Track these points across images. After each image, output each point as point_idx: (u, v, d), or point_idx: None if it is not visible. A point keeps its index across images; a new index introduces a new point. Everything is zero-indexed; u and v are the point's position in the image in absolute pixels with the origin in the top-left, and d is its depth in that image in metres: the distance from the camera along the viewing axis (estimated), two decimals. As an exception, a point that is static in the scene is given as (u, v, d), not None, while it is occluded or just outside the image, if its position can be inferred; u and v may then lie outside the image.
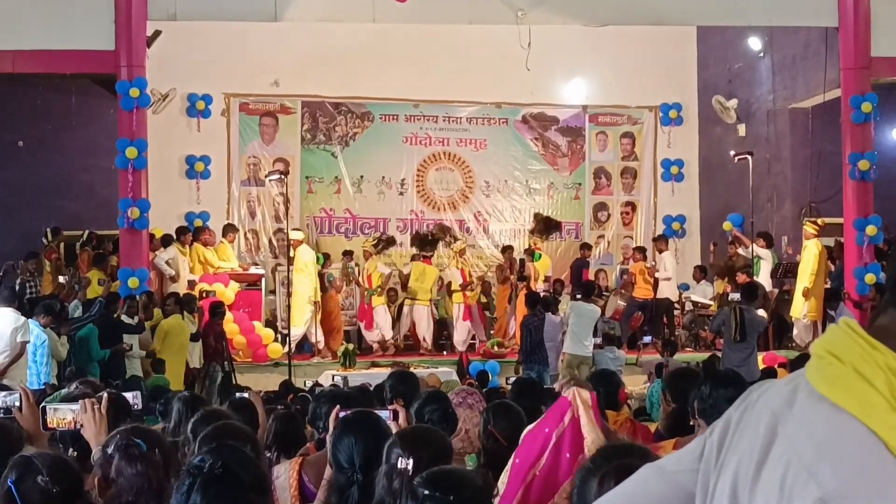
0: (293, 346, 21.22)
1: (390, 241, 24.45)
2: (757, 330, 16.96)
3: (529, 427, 5.07)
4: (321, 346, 22.44)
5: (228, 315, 20.18)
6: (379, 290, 23.11)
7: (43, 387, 15.24)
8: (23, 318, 15.77)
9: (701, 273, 24.01)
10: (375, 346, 22.94)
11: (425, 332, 23.23)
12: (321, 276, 22.89)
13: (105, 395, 5.65)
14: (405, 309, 23.54)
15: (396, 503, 4.14)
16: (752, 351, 16.74)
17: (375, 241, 23.93)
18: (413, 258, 24.19)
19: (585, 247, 25.50)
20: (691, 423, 6.42)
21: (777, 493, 1.62)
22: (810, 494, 1.58)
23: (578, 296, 20.56)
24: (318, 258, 23.12)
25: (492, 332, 23.49)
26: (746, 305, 17.35)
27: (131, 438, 4.44)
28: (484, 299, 24.34)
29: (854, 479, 1.57)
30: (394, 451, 4.35)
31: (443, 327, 24.10)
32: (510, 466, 4.88)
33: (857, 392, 1.63)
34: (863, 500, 1.55)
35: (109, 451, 4.45)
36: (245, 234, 25.03)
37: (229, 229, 23.54)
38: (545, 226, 24.74)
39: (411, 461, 4.23)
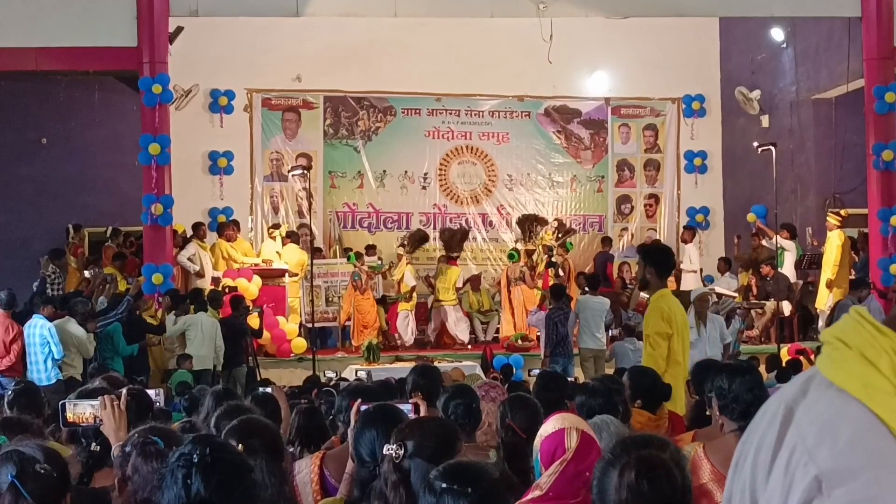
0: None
1: (422, 238, 24.36)
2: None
3: (548, 431, 5.02)
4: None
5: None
6: (405, 296, 23.13)
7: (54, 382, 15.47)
8: None
9: (725, 265, 23.93)
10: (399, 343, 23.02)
11: (455, 329, 23.26)
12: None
13: (124, 391, 5.67)
14: (433, 311, 23.62)
15: (388, 487, 4.19)
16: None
17: (403, 243, 23.94)
18: (439, 259, 24.17)
19: (606, 241, 25.51)
20: (707, 413, 6.41)
21: (782, 478, 1.63)
22: (808, 473, 1.58)
23: (586, 289, 20.59)
24: (349, 256, 23.13)
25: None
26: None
27: (149, 436, 4.45)
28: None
29: (850, 456, 1.57)
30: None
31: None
32: (559, 469, 4.82)
33: (861, 375, 1.63)
34: (857, 478, 1.55)
35: (127, 449, 4.47)
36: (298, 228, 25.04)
37: (235, 225, 23.48)
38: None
39: (395, 447, 4.25)
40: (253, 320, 19.85)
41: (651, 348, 9.41)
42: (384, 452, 4.31)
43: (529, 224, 24.32)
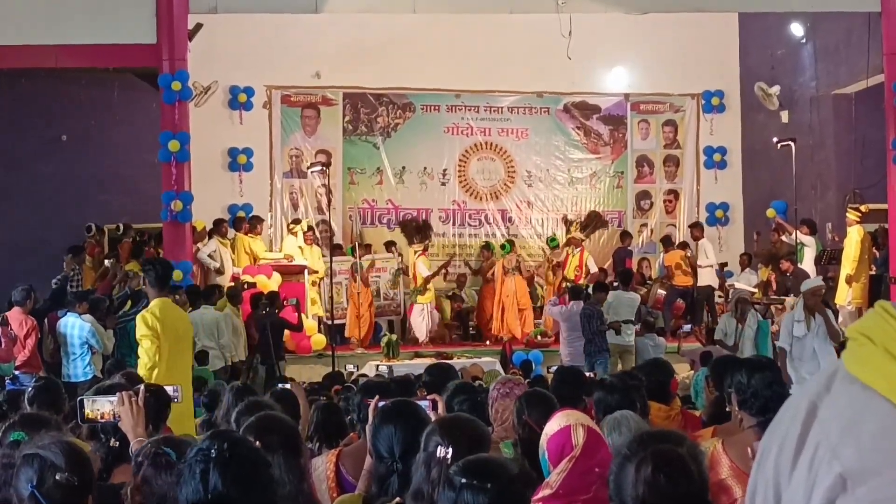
0: None
1: (417, 228, 24.34)
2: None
3: (553, 429, 5.03)
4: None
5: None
6: (420, 289, 23.05)
7: (90, 378, 15.46)
8: None
9: (747, 260, 23.91)
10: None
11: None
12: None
13: (142, 387, 5.67)
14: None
15: (434, 491, 4.15)
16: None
17: (407, 232, 24.04)
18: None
19: (626, 235, 25.45)
20: (727, 409, 6.40)
21: (806, 474, 1.62)
22: (832, 471, 1.57)
23: (615, 284, 20.54)
24: (349, 249, 23.26)
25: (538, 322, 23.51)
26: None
27: (161, 447, 4.43)
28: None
29: (875, 455, 1.56)
30: (432, 440, 4.35)
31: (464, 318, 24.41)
32: (568, 466, 4.83)
33: (886, 371, 1.61)
34: (881, 476, 1.54)
35: (139, 459, 4.46)
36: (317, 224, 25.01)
37: (258, 221, 23.52)
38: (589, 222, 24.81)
39: (451, 450, 4.23)
40: (290, 315, 19.91)
41: (142, 348, 10.61)
42: (438, 455, 4.28)
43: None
